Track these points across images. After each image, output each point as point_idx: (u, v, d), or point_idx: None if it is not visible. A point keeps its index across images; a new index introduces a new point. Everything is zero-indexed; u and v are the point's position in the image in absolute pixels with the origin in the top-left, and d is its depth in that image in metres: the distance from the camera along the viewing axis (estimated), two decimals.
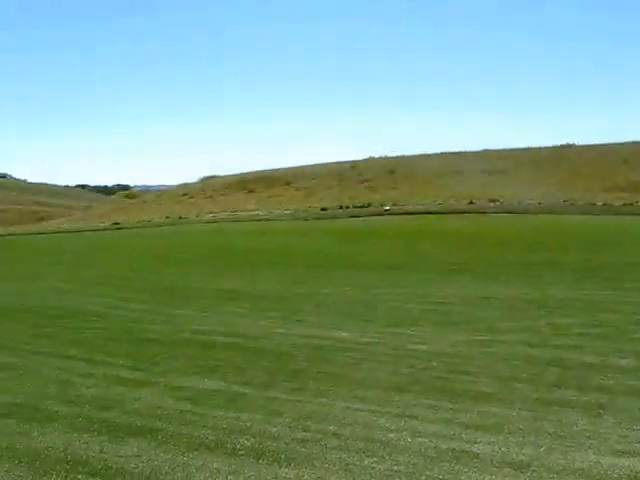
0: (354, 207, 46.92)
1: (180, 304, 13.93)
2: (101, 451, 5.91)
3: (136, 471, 5.48)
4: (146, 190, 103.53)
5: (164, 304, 14.04)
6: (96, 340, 10.53)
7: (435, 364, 8.54)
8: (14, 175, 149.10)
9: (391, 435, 6.18)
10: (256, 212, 47.57)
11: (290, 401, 7.26)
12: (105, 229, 43.93)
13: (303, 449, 5.90)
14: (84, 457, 5.78)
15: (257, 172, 67.80)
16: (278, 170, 67.18)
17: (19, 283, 18.24)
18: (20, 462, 5.68)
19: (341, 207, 47.73)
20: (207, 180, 70.61)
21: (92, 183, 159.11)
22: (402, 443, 5.98)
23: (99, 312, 13.10)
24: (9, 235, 43.40)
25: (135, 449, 5.95)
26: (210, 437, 6.23)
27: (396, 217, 40.19)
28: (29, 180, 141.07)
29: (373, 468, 5.45)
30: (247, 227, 37.07)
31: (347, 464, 5.54)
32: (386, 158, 65.18)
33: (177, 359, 9.23)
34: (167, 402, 7.29)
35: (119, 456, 5.79)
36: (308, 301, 13.85)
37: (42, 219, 70.40)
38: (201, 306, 13.58)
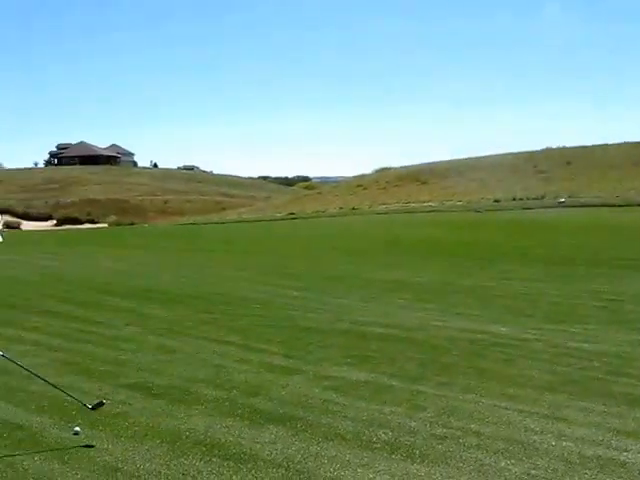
0: (527, 199, 45.50)
1: (344, 294, 14.03)
2: (239, 436, 5.99)
3: (268, 458, 5.51)
4: (324, 181, 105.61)
5: (328, 293, 14.19)
6: (255, 327, 10.77)
7: (596, 364, 8.04)
8: (201, 167, 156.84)
9: (534, 437, 5.86)
10: (429, 203, 47.20)
11: (436, 395, 7.08)
12: (281, 219, 45.13)
13: (440, 446, 5.71)
14: (222, 441, 5.88)
15: (431, 163, 67.29)
16: (451, 161, 66.33)
17: (195, 270, 19.06)
18: (162, 442, 5.86)
19: (514, 199, 46.43)
20: (381, 171, 70.87)
21: (273, 175, 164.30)
22: (544, 446, 5.65)
23: (262, 300, 13.42)
24: (192, 224, 45.63)
25: (272, 436, 5.99)
26: (348, 428, 6.18)
27: (571, 209, 38.50)
28: (215, 172, 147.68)
29: (509, 470, 5.18)
30: (418, 218, 36.83)
31: (482, 464, 5.29)
32: (564, 148, 62.74)
33: (331, 348, 9.25)
34: (313, 391, 7.31)
35: (255, 442, 5.85)
36: (471, 294, 13.53)
37: (224, 209, 73.49)
38: (364, 296, 13.61)
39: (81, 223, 62.27)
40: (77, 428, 6.07)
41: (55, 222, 64.02)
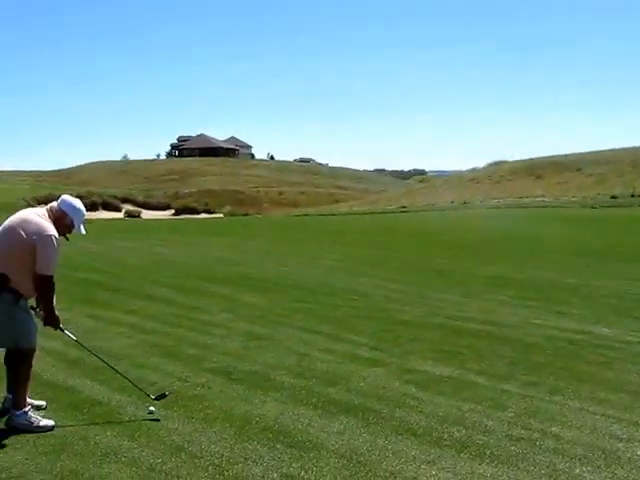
0: None
1: (444, 288, 13.78)
2: (308, 424, 5.93)
3: (333, 448, 5.41)
4: (440, 175, 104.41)
5: (427, 287, 13.98)
6: (349, 318, 10.69)
7: None
8: (317, 160, 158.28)
9: (619, 445, 5.51)
10: (542, 198, 45.76)
11: (520, 395, 6.80)
12: (391, 212, 44.90)
13: (513, 447, 5.46)
14: (290, 428, 5.83)
15: (547, 157, 65.21)
16: (568, 156, 64.06)
17: (299, 259, 19.18)
18: (231, 425, 5.87)
19: (633, 195, 44.42)
20: (495, 165, 69.34)
21: (389, 168, 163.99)
22: (628, 455, 5.30)
23: (360, 291, 13.34)
24: (304, 215, 46.02)
25: (341, 426, 5.89)
26: (421, 423, 6.01)
27: None
28: (331, 165, 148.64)
29: (583, 478, 4.88)
30: (530, 213, 35.80)
31: (555, 470, 5.01)
32: None
33: (421, 342, 9.07)
34: (393, 384, 7.16)
35: (323, 431, 5.77)
36: (575, 292, 13.00)
37: (337, 201, 73.79)
38: (464, 291, 13.31)
39: (198, 213, 63.89)
40: (152, 408, 6.17)
41: (173, 211, 65.96)
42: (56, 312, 6.04)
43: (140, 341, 8.93)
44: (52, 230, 5.76)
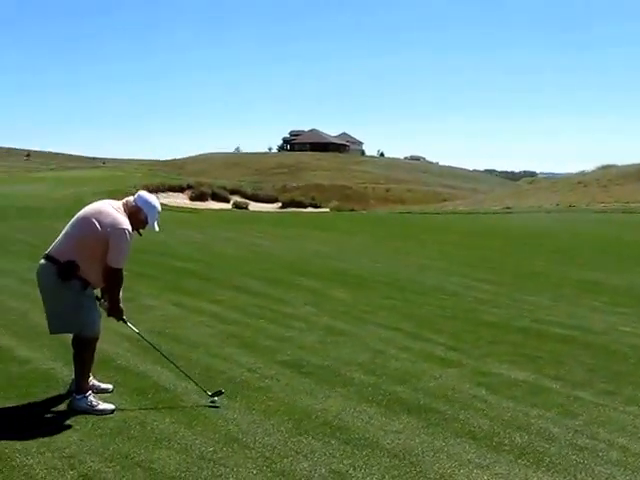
0: None
1: (535, 291, 13.36)
2: (368, 422, 5.85)
3: (387, 447, 5.32)
4: (550, 177, 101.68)
5: (520, 289, 13.58)
6: (433, 317, 10.52)
7: None
8: (427, 158, 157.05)
9: None
10: None
11: (593, 403, 6.51)
12: (494, 212, 43.98)
13: (574, 456, 5.22)
14: (349, 424, 5.77)
15: None
16: None
17: (394, 256, 19.02)
18: (290, 419, 5.86)
19: None
20: (603, 169, 66.75)
21: (499, 168, 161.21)
22: None
23: (450, 290, 13.11)
24: (407, 212, 45.70)
25: (401, 426, 5.79)
26: (483, 427, 5.83)
27: None
28: (440, 163, 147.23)
29: None
30: (637, 219, 34.25)
31: None
32: None
33: (501, 345, 8.82)
34: (463, 386, 6.99)
35: (381, 429, 5.68)
36: None
37: (444, 200, 72.89)
38: (555, 295, 12.86)
39: (304, 207, 64.36)
40: (215, 397, 6.20)
41: (280, 205, 66.69)
42: (121, 304, 6.14)
43: (219, 331, 9.04)
44: (126, 224, 5.89)
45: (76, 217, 6.04)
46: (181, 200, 63.00)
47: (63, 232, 6.05)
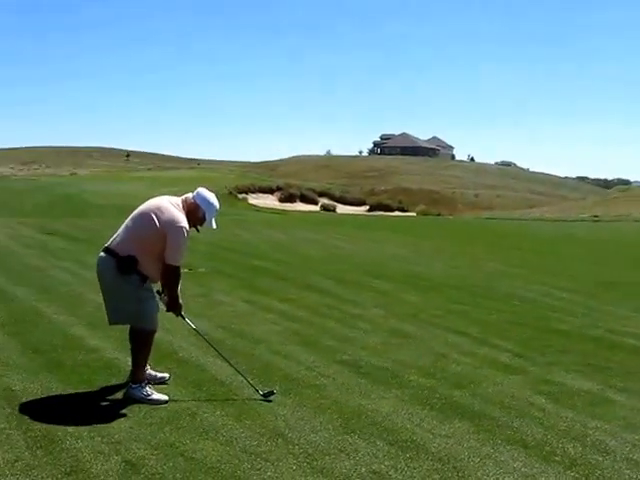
0: None
1: (613, 301, 12.98)
2: (418, 424, 5.79)
3: (433, 450, 5.25)
4: None
5: (597, 298, 13.24)
6: (502, 323, 10.35)
7: None
8: (518, 164, 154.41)
9: None
10: None
11: None
12: (581, 220, 42.83)
13: (628, 471, 5.04)
14: (398, 426, 5.73)
15: None
16: None
17: (471, 262, 18.79)
18: (339, 417, 5.85)
19: None
20: None
21: (592, 176, 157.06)
22: None
23: (525, 297, 12.87)
24: (493, 218, 45.00)
25: (451, 430, 5.71)
26: (537, 436, 5.69)
27: None
28: (531, 169, 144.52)
29: None
30: None
31: None
32: None
33: (569, 354, 8.59)
34: (523, 393, 6.84)
35: (430, 433, 5.62)
36: None
37: (532, 206, 71.38)
38: (635, 306, 12.43)
39: (391, 210, 64.18)
40: (267, 390, 6.26)
41: (368, 208, 66.68)
42: (180, 300, 6.26)
43: (284, 328, 9.11)
44: (184, 222, 5.99)
45: (136, 211, 6.18)
46: (270, 201, 63.84)
47: (123, 226, 6.20)
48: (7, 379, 6.39)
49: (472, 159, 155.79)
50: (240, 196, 61.20)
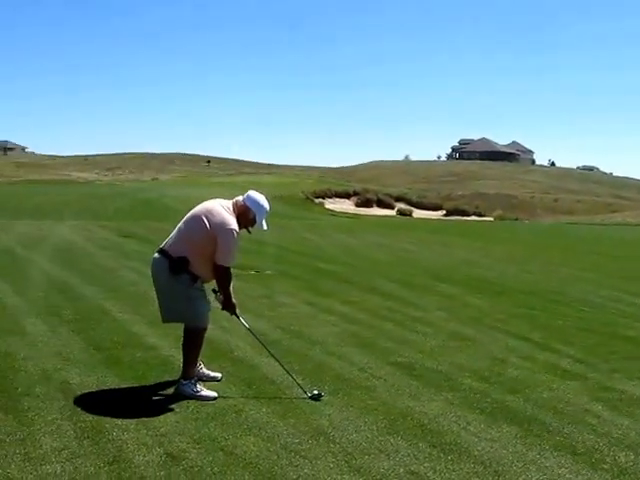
0: None
1: None
2: (464, 428, 5.71)
3: (476, 454, 5.17)
4: None
5: None
6: (568, 328, 10.12)
7: None
8: (601, 168, 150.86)
9: None
10: None
11: None
12: None
13: None
14: (444, 429, 5.66)
15: None
16: None
17: (545, 267, 18.45)
18: (384, 418, 5.82)
19: None
20: None
21: None
22: None
23: (594, 302, 12.58)
24: (572, 223, 44.03)
25: (498, 434, 5.60)
26: (587, 443, 5.54)
27: None
28: (614, 174, 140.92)
29: None
30: None
31: None
32: None
33: (634, 361, 8.32)
34: (580, 399, 6.67)
35: (476, 436, 5.53)
36: None
37: (614, 211, 69.48)
38: None
39: (468, 215, 63.46)
40: (316, 391, 6.28)
41: (444, 212, 66.12)
42: (233, 299, 6.35)
43: (342, 330, 9.13)
44: (234, 224, 6.09)
45: (189, 214, 6.31)
46: (347, 206, 63.97)
47: (176, 228, 6.35)
48: (65, 373, 6.61)
49: (553, 164, 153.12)
50: (317, 201, 61.49)
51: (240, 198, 6.34)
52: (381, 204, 67.01)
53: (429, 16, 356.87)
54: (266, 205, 6.35)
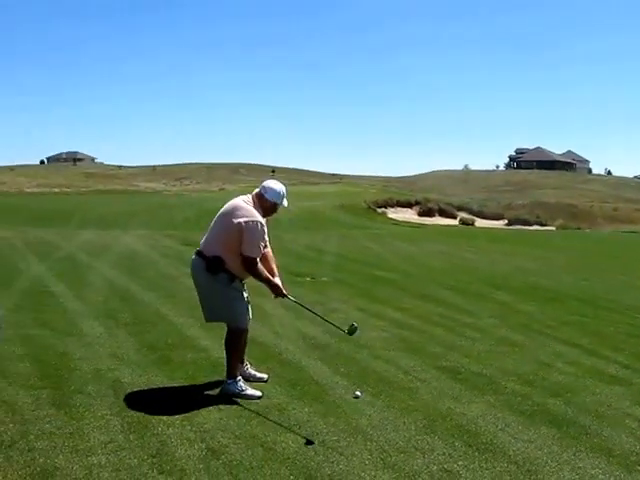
0: None
1: None
2: (502, 429, 5.79)
3: (510, 453, 5.27)
4: None
5: None
6: (618, 334, 10.07)
7: None
8: None
9: None
10: None
11: None
12: None
13: None
14: (482, 429, 5.75)
15: None
16: None
17: (602, 275, 18.28)
18: (424, 418, 5.96)
19: None
20: None
21: None
22: None
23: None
24: (632, 232, 43.16)
25: (535, 436, 5.67)
26: (625, 445, 5.57)
27: None
28: None
29: None
30: None
31: None
32: None
33: None
34: (622, 403, 6.68)
35: (513, 437, 5.61)
36: None
37: None
38: None
39: (530, 225, 62.50)
40: (358, 392, 6.46)
41: (506, 222, 65.31)
42: (276, 282, 6.52)
43: (392, 335, 9.26)
44: (257, 216, 6.33)
45: (218, 214, 6.57)
46: (409, 215, 63.66)
47: (209, 229, 6.61)
48: (118, 372, 6.92)
49: (609, 172, 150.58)
50: (379, 210, 61.37)
51: (257, 190, 6.57)
52: (443, 213, 66.49)
53: (489, 29, 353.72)
54: (280, 189, 6.55)
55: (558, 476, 4.92)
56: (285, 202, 6.59)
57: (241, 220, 6.26)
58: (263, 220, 6.37)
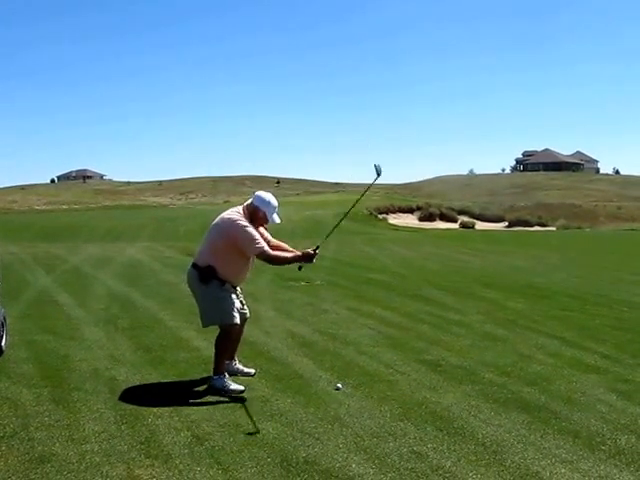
0: None
1: None
2: (474, 415, 6.06)
3: (479, 436, 5.54)
4: None
5: None
6: (602, 327, 10.33)
7: None
8: None
9: None
10: None
11: None
12: None
13: None
14: (454, 416, 6.02)
15: None
16: None
17: (593, 272, 18.54)
18: (400, 407, 6.26)
19: None
20: None
21: None
22: None
23: (636, 303, 12.72)
24: (632, 230, 43.38)
25: (505, 421, 5.94)
26: (592, 428, 5.81)
27: None
28: None
29: None
30: None
31: None
32: None
33: None
34: (595, 390, 6.93)
35: (485, 423, 5.87)
36: None
37: None
38: None
39: (531, 225, 62.88)
40: (339, 385, 6.78)
41: (507, 224, 65.70)
42: (298, 254, 6.81)
43: (377, 332, 9.58)
44: (241, 220, 6.66)
45: (210, 227, 6.92)
46: (410, 220, 64.09)
47: (202, 240, 7.00)
48: (114, 371, 7.28)
49: (617, 172, 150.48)
50: (380, 216, 61.81)
51: (249, 201, 6.90)
52: (444, 218, 66.93)
53: (494, 33, 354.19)
54: (273, 201, 6.87)
55: (522, 456, 5.20)
56: (276, 217, 6.87)
57: (229, 226, 6.64)
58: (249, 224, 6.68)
